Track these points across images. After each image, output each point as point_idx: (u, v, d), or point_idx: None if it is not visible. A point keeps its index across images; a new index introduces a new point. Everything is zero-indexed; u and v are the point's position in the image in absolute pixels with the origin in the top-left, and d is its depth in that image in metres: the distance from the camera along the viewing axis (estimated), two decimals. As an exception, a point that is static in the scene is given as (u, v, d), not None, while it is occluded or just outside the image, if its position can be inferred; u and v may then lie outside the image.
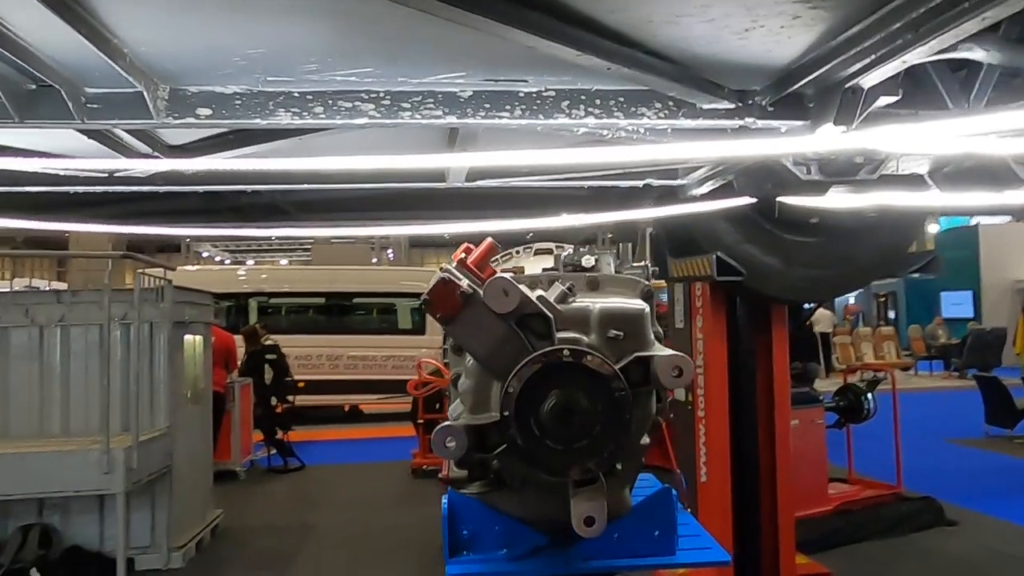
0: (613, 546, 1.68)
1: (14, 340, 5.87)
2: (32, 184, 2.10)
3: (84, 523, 5.78)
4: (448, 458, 1.48)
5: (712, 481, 3.85)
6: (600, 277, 1.81)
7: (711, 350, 3.84)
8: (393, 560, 5.87)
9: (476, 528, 1.74)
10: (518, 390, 1.43)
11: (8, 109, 1.42)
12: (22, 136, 1.86)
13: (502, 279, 1.46)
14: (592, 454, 1.43)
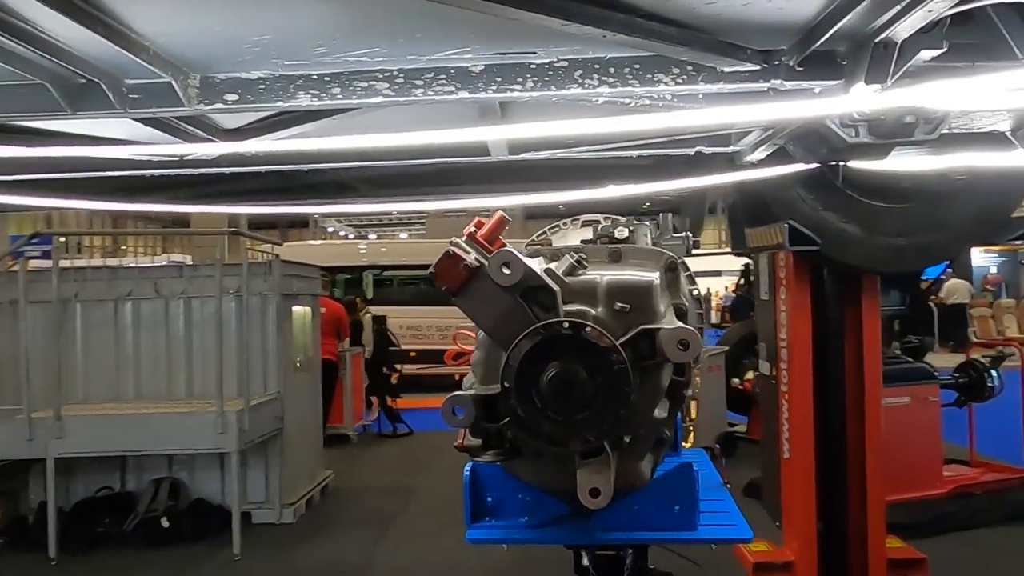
0: (632, 519, 1.68)
1: (144, 311, 6.43)
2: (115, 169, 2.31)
3: (207, 479, 6.32)
4: (455, 427, 1.52)
5: (795, 457, 3.71)
6: (623, 249, 1.79)
7: (794, 322, 3.68)
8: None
9: (500, 495, 1.78)
10: (518, 361, 1.45)
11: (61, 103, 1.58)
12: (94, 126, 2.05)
13: (505, 252, 1.47)
14: (591, 426, 1.44)
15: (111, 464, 6.35)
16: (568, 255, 1.61)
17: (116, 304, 6.39)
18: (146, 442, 5.63)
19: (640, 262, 1.75)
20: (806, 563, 3.68)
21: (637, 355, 1.49)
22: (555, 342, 1.44)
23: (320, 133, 2.06)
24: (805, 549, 3.68)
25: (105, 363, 6.34)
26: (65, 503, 6.15)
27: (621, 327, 1.50)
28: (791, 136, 2.07)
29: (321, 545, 5.77)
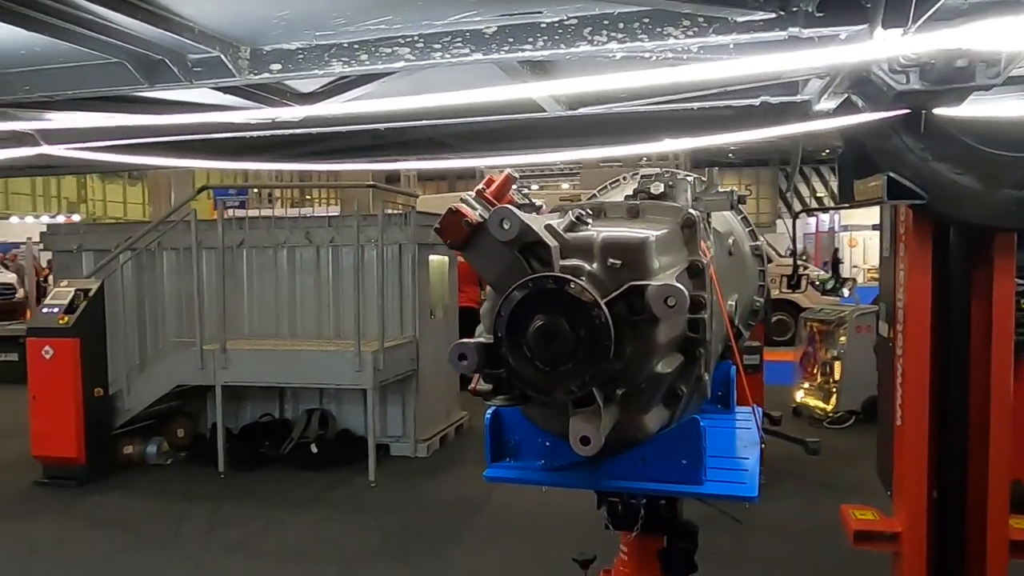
0: (640, 470, 1.72)
1: (299, 257, 7.06)
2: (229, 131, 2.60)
3: (353, 412, 6.91)
4: (460, 372, 1.63)
5: (907, 425, 3.47)
6: (642, 205, 1.79)
7: (913, 282, 3.40)
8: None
9: (523, 438, 1.88)
10: (508, 313, 1.53)
11: (138, 77, 1.83)
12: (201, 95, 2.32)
13: (503, 209, 1.54)
14: (574, 377, 1.49)
15: (272, 393, 7.12)
16: (570, 212, 1.65)
17: (275, 250, 7.06)
18: (294, 376, 6.25)
19: (657, 218, 1.75)
20: (915, 535, 3.47)
21: (631, 311, 1.51)
22: (542, 296, 1.50)
23: (381, 94, 2.19)
24: (914, 521, 3.47)
25: (266, 304, 7.07)
26: (235, 426, 7.00)
27: (614, 283, 1.53)
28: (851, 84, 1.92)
29: (448, 480, 6.16)
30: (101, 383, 6.30)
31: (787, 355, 9.09)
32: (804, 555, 4.53)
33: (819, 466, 6.30)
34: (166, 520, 5.37)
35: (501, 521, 5.12)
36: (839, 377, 7.54)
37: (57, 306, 6.17)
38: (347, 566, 4.51)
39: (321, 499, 5.73)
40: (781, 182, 49.00)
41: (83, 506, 5.68)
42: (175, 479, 6.30)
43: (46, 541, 5.04)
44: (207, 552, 4.75)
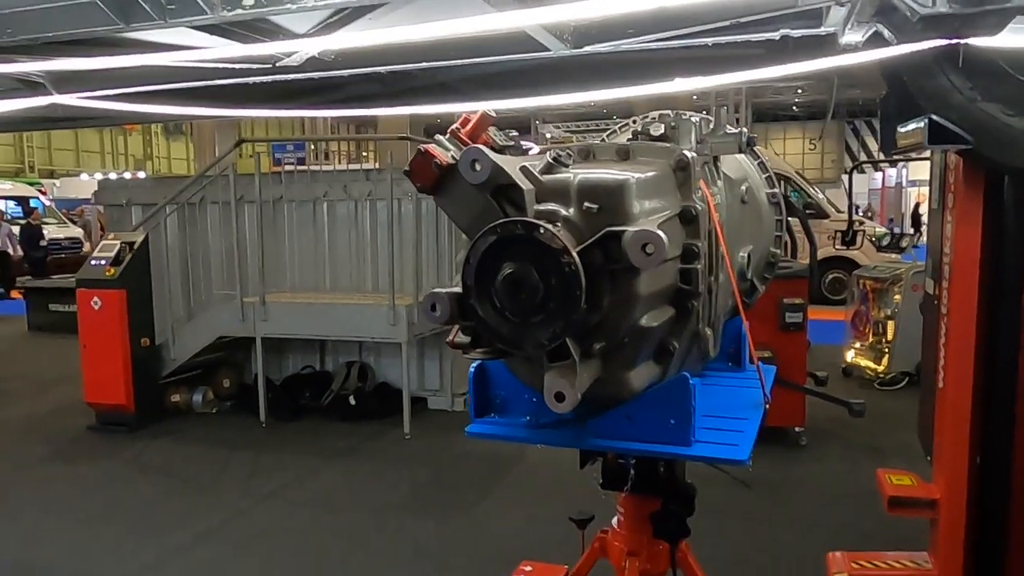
0: (627, 429, 1.62)
1: (338, 211, 7.07)
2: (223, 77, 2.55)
3: (391, 365, 6.95)
4: (432, 322, 1.55)
5: (949, 388, 3.27)
6: (632, 146, 1.66)
7: (960, 234, 3.17)
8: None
9: (510, 394, 1.80)
10: (476, 261, 1.44)
11: (114, 17, 1.78)
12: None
13: (474, 150, 1.44)
14: (544, 329, 1.40)
15: (313, 346, 7.22)
16: (548, 153, 1.54)
17: (314, 204, 7.08)
18: (331, 329, 6.31)
19: (648, 160, 1.62)
20: (953, 503, 3.30)
21: (607, 259, 1.41)
22: (510, 242, 1.40)
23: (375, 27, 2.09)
24: (954, 488, 3.29)
25: (306, 257, 7.12)
26: (277, 377, 7.14)
27: (590, 229, 1.42)
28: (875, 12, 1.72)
29: (482, 433, 6.16)
30: (147, 334, 6.48)
31: (839, 314, 8.77)
32: (841, 518, 4.39)
33: (866, 429, 6.08)
34: (208, 466, 5.53)
35: (532, 479, 5.10)
36: (892, 337, 7.23)
37: (104, 258, 6.34)
38: (376, 516, 4.57)
39: (356, 450, 5.81)
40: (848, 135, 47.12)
41: (131, 451, 5.89)
42: (219, 427, 6.48)
43: (95, 482, 5.25)
44: (245, 498, 4.88)
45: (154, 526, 4.46)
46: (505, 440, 1.77)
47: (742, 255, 2.05)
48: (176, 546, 4.18)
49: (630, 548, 1.91)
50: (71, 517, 4.65)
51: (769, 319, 5.43)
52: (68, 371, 8.76)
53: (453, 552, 4.03)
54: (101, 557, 4.07)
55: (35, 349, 10.27)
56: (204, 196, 7.15)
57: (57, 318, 11.20)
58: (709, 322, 1.83)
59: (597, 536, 2.05)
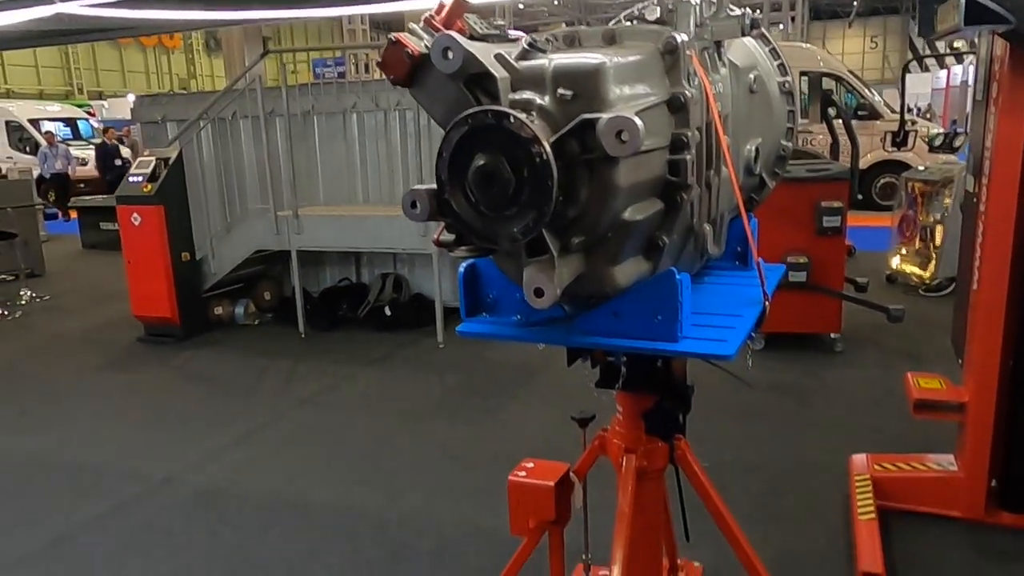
0: (613, 325, 1.60)
1: (367, 122, 7.00)
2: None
3: (425, 277, 7.00)
4: (413, 220, 1.53)
5: (983, 289, 3.15)
6: (619, 29, 1.56)
7: (1004, 127, 2.97)
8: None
9: (500, 294, 1.78)
10: (448, 154, 1.39)
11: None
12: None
13: (445, 37, 1.37)
14: (518, 222, 1.36)
15: (348, 259, 7.32)
16: (523, 39, 1.46)
17: (344, 116, 7.02)
18: (364, 241, 6.36)
19: (636, 44, 1.53)
20: (982, 407, 3.23)
21: (584, 149, 1.35)
22: (481, 134, 1.35)
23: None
24: (983, 390, 3.22)
25: (339, 170, 7.12)
26: (315, 290, 7.28)
27: (566, 118, 1.35)
28: None
29: (513, 344, 6.22)
30: (187, 248, 6.63)
31: (886, 220, 8.47)
32: (869, 422, 4.36)
33: (905, 335, 5.97)
34: (249, 375, 5.74)
35: (559, 384, 5.16)
36: (940, 242, 6.97)
37: (141, 175, 6.44)
38: (407, 419, 4.70)
39: (390, 358, 5.95)
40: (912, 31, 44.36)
41: (177, 360, 6.14)
42: (260, 338, 6.68)
43: (144, 389, 5.51)
44: (282, 402, 5.06)
45: (198, 429, 4.68)
46: (494, 338, 1.77)
47: (749, 148, 1.96)
48: (218, 447, 4.39)
49: (627, 445, 1.91)
50: (122, 421, 4.91)
51: (806, 223, 5.27)
52: (119, 287, 9.08)
53: (478, 452, 4.15)
54: (151, 458, 4.30)
55: (88, 266, 10.65)
56: (235, 111, 7.15)
57: (108, 236, 11.52)
58: (709, 218, 1.77)
59: (597, 435, 2.07)
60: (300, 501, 3.74)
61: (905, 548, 3.13)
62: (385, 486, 3.86)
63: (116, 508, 3.75)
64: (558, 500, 2.03)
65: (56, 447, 4.55)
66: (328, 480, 3.96)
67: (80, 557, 3.34)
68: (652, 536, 2.05)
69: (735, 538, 2.04)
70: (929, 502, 3.39)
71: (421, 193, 1.50)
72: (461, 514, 3.54)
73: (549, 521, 2.06)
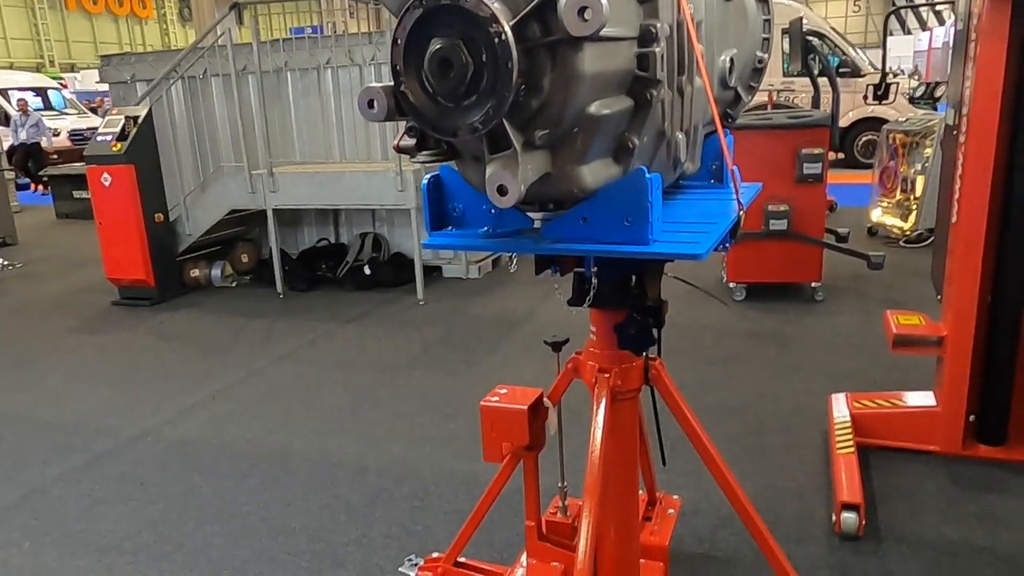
0: (582, 231, 1.54)
1: (341, 78, 6.85)
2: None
3: (405, 235, 6.92)
4: (371, 120, 1.46)
5: (963, 219, 3.12)
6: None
7: (984, 54, 2.93)
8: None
9: (467, 206, 1.72)
10: (403, 40, 1.32)
11: None
12: None
13: (399, -84, 1.29)
14: (476, 109, 1.29)
15: (327, 218, 7.21)
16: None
17: (319, 72, 6.87)
18: (341, 198, 6.24)
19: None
20: (960, 340, 3.22)
21: (546, 32, 1.28)
22: (437, 15, 1.27)
23: None
24: (962, 323, 3.21)
25: (314, 127, 6.98)
26: (294, 250, 7.18)
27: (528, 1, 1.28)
28: None
29: (495, 298, 6.19)
30: (160, 209, 6.50)
31: (867, 177, 8.45)
32: (850, 366, 4.36)
33: (888, 283, 5.98)
34: (225, 334, 5.66)
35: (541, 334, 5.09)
36: (920, 193, 6.96)
37: (110, 134, 6.27)
38: (386, 372, 4.66)
39: (370, 315, 5.88)
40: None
41: (152, 322, 6.04)
42: (237, 300, 6.59)
43: (119, 350, 5.42)
44: (259, 360, 5.00)
45: (174, 387, 4.61)
46: (462, 249, 1.71)
47: (724, 59, 1.89)
48: (194, 403, 4.33)
49: (601, 365, 1.87)
50: (96, 381, 4.82)
51: (786, 171, 5.23)
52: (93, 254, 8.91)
53: (458, 402, 4.11)
54: (125, 415, 4.23)
55: (61, 235, 10.46)
56: (206, 69, 6.97)
57: (82, 205, 11.30)
58: (682, 128, 1.71)
59: (571, 358, 2.02)
60: (278, 452, 3.70)
61: (883, 481, 3.13)
62: (364, 436, 3.82)
63: (89, 462, 3.69)
64: (531, 424, 1.99)
65: (28, 406, 4.47)
66: (306, 432, 3.91)
67: (54, 509, 3.29)
68: (628, 462, 2.02)
69: (712, 460, 2.01)
70: (908, 437, 3.39)
71: (377, 90, 1.43)
72: (439, 460, 3.52)
73: (523, 447, 2.02)
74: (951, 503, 2.99)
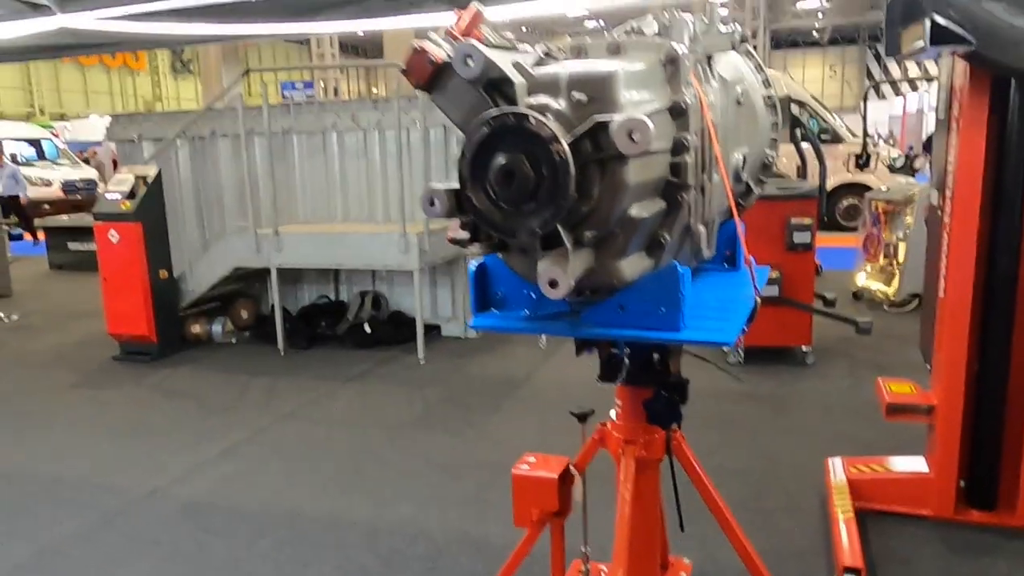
0: (619, 317, 1.70)
1: (347, 141, 7.08)
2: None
3: (404, 294, 7.07)
4: (431, 216, 1.62)
5: (951, 295, 3.32)
6: (623, 42, 1.68)
7: (965, 139, 3.16)
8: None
9: (509, 291, 1.87)
10: (471, 154, 1.49)
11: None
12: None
13: (467, 45, 1.47)
14: (536, 216, 1.46)
15: (327, 276, 7.35)
16: (537, 47, 1.57)
17: (323, 135, 7.09)
18: (344, 258, 6.40)
19: (639, 55, 1.65)
20: (950, 408, 3.39)
21: (596, 148, 1.46)
22: (502, 133, 1.45)
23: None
24: (951, 394, 3.38)
25: (318, 188, 7.18)
26: (293, 307, 7.29)
27: (580, 120, 1.46)
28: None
29: (494, 358, 6.31)
30: (165, 266, 6.61)
31: (853, 240, 8.75)
32: (844, 429, 4.51)
33: (874, 347, 6.17)
34: (229, 392, 5.72)
35: (541, 395, 5.25)
36: (903, 259, 7.23)
37: (119, 192, 6.42)
38: (390, 431, 4.74)
39: (371, 374, 5.98)
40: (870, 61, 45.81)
41: (155, 378, 6.09)
42: (238, 356, 6.66)
43: (122, 405, 5.46)
44: (264, 418, 5.06)
45: (180, 444, 4.66)
46: (506, 331, 1.85)
47: (737, 156, 2.08)
48: (202, 461, 4.38)
49: (626, 436, 2.00)
50: (100, 436, 4.86)
51: (777, 239, 5.46)
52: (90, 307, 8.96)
53: (463, 462, 4.20)
54: (132, 472, 4.27)
55: (56, 286, 10.49)
56: (214, 130, 7.18)
57: (77, 256, 11.40)
58: (702, 220, 1.89)
59: (597, 428, 2.16)
60: (289, 512, 3.76)
61: (881, 545, 3.25)
62: (373, 496, 3.89)
63: (101, 520, 3.73)
64: (561, 492, 2.11)
65: (32, 462, 4.49)
66: (315, 492, 3.98)
67: (71, 569, 3.32)
68: (650, 527, 2.14)
69: (730, 527, 2.13)
70: (902, 502, 3.53)
71: (439, 191, 1.59)
72: (450, 521, 3.59)
73: (552, 513, 2.13)
74: (946, 567, 3.11)
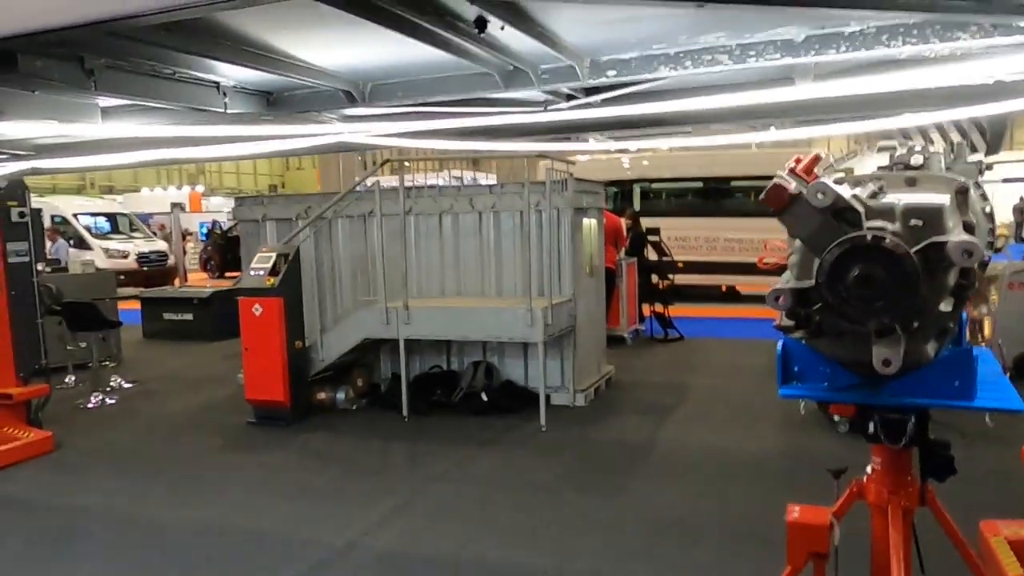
0: (916, 388, 2.14)
1: (463, 222, 7.68)
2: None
3: (513, 364, 7.53)
4: (778, 310, 2.09)
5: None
6: (918, 176, 2.18)
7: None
8: (753, 421, 6.56)
9: (804, 367, 2.33)
10: (830, 263, 1.97)
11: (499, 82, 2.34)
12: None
13: (820, 184, 1.98)
14: (886, 311, 1.93)
15: (439, 347, 7.83)
16: (871, 183, 2.07)
17: (440, 216, 7.71)
18: (470, 331, 6.90)
19: (933, 187, 2.14)
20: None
21: (927, 261, 1.93)
22: (859, 249, 1.93)
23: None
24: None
25: (432, 265, 7.75)
26: (407, 376, 7.75)
27: (912, 240, 1.94)
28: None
29: (611, 425, 6.71)
30: (299, 337, 7.14)
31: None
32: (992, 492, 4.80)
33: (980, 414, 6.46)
34: (371, 455, 6.15)
35: (671, 461, 5.63)
36: (989, 335, 7.60)
37: (262, 269, 7.01)
38: (543, 491, 5.12)
39: (501, 439, 6.38)
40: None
41: (295, 441, 6.54)
42: (364, 422, 7.10)
43: (280, 467, 5.89)
44: (415, 480, 5.46)
45: (349, 501, 5.06)
46: (813, 399, 2.30)
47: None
48: (379, 518, 4.78)
49: (891, 488, 2.42)
50: (274, 496, 5.28)
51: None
52: (200, 373, 9.53)
53: (623, 521, 4.57)
54: (320, 526, 4.67)
55: (157, 354, 11.04)
56: (335, 211, 7.83)
57: (171, 325, 12.03)
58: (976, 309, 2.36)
59: (854, 482, 2.57)
60: (476, 560, 4.13)
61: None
62: (551, 549, 4.26)
63: (313, 569, 4.12)
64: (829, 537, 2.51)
65: (222, 518, 4.90)
66: (496, 544, 4.35)
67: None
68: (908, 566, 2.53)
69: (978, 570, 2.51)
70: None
71: (785, 291, 2.07)
72: (632, 573, 3.95)
73: (819, 554, 2.53)
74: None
